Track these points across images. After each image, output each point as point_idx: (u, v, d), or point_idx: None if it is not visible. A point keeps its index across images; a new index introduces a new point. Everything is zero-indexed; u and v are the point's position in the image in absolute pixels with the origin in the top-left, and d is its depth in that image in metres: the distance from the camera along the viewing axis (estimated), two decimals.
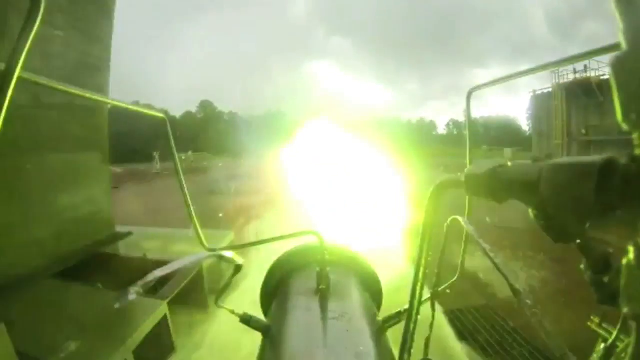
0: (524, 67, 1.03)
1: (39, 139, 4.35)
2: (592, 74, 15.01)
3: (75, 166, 4.98)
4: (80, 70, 4.78)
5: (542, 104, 17.87)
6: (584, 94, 14.99)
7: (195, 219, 1.33)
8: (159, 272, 1.04)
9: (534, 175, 0.44)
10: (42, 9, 0.48)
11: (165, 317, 3.53)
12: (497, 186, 0.50)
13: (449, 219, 0.80)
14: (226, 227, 6.63)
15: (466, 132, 1.25)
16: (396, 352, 0.77)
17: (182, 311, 4.03)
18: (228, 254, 1.23)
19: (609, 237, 0.53)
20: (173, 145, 1.33)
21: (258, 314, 1.03)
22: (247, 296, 1.32)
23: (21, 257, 3.97)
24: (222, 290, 1.13)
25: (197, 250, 1.38)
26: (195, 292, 4.32)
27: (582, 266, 0.46)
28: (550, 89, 16.89)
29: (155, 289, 3.75)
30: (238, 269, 1.15)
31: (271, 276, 1.16)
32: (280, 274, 1.14)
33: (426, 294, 0.84)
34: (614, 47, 0.51)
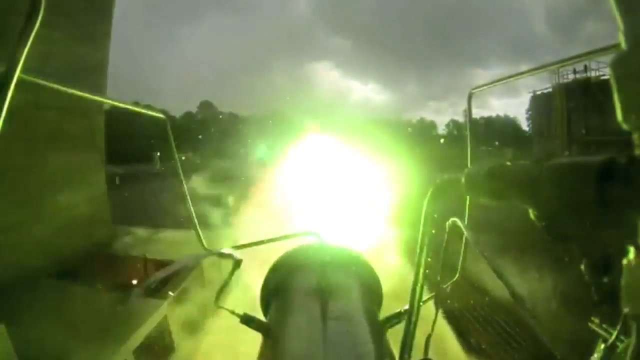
0: (524, 68, 1.03)
1: (37, 139, 4.35)
2: (592, 74, 15.01)
3: (73, 167, 4.99)
4: (78, 71, 4.78)
5: (542, 104, 17.86)
6: (584, 94, 14.98)
7: (195, 219, 1.33)
8: (160, 274, 1.04)
9: (533, 175, 0.44)
10: (42, 11, 0.48)
11: (165, 317, 3.53)
12: (497, 186, 0.50)
13: (449, 221, 0.80)
14: None
15: (467, 133, 1.25)
16: (396, 352, 0.77)
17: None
18: (226, 250, 1.22)
19: (609, 237, 0.52)
20: (173, 145, 1.33)
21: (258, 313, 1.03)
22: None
23: (20, 257, 3.97)
24: (221, 289, 1.12)
25: (196, 251, 1.38)
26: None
27: (582, 266, 0.46)
28: (550, 89, 16.89)
29: (156, 289, 3.74)
30: (237, 264, 1.15)
31: (271, 276, 1.16)
32: (281, 274, 1.14)
33: (426, 295, 0.84)
34: (614, 47, 0.51)
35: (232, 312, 1.00)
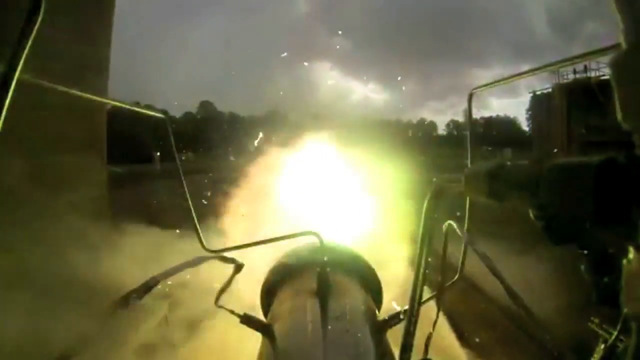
0: (525, 68, 1.03)
1: (37, 139, 4.35)
2: (592, 74, 15.00)
3: (74, 167, 4.98)
4: (79, 71, 4.77)
5: (542, 104, 17.86)
6: (584, 94, 14.96)
7: (195, 220, 1.33)
8: (160, 277, 1.04)
9: (533, 176, 0.44)
10: (42, 11, 0.48)
11: (165, 317, 3.54)
12: (497, 186, 0.50)
13: (445, 224, 0.79)
14: None
15: (467, 133, 1.25)
16: (396, 352, 0.77)
17: None
18: (229, 254, 1.23)
19: (609, 237, 0.52)
20: (174, 145, 1.33)
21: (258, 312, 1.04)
22: None
23: (21, 257, 3.97)
24: (221, 290, 1.12)
25: (196, 251, 1.37)
26: None
27: (582, 267, 0.46)
28: (550, 89, 16.88)
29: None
30: (239, 268, 1.16)
31: (271, 276, 1.16)
32: (281, 274, 1.14)
33: (426, 295, 0.84)
34: (614, 47, 0.51)
35: (232, 312, 1.00)
